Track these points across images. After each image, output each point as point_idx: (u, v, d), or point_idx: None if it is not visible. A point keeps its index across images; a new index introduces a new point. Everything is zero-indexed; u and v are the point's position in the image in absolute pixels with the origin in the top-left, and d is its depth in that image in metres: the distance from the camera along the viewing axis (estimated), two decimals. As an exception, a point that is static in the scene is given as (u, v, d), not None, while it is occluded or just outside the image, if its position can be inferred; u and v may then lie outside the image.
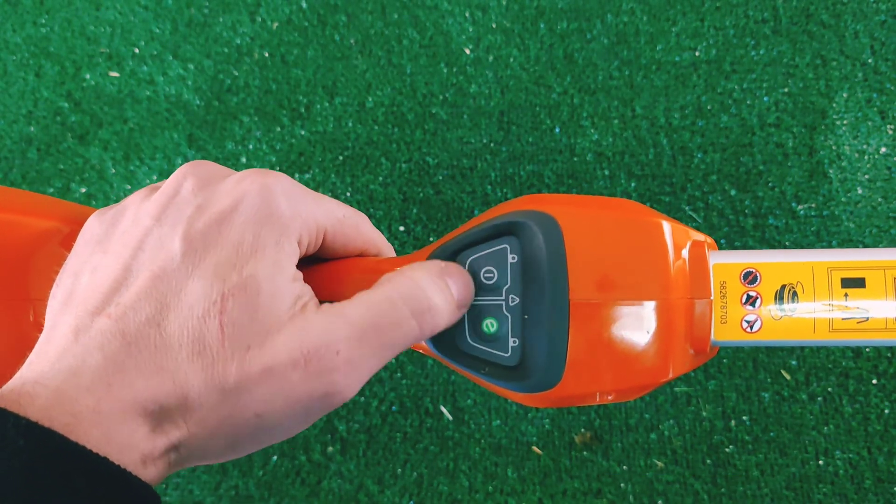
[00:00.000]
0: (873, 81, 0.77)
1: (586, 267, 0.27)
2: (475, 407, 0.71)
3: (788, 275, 0.28)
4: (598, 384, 0.27)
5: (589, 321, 0.27)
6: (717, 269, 0.29)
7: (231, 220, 0.25)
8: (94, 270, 0.25)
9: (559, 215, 0.28)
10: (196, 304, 0.24)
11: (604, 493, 0.68)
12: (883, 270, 0.28)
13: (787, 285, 0.28)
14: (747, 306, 0.29)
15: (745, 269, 0.29)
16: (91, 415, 0.22)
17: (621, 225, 0.28)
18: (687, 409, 0.69)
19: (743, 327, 0.28)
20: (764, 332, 0.28)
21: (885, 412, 0.68)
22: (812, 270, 0.28)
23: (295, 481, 0.69)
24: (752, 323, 0.28)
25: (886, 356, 0.69)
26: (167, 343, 0.23)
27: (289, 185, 0.27)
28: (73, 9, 0.86)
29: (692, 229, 0.30)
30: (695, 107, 0.77)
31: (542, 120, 0.78)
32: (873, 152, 0.75)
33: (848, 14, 0.79)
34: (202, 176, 0.27)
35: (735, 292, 0.29)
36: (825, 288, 0.28)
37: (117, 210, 0.27)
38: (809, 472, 0.67)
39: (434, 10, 0.82)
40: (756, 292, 0.29)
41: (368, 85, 0.79)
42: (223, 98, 0.81)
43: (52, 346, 0.24)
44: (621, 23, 0.80)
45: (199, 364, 0.24)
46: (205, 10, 0.84)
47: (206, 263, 0.24)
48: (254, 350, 0.24)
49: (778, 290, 0.28)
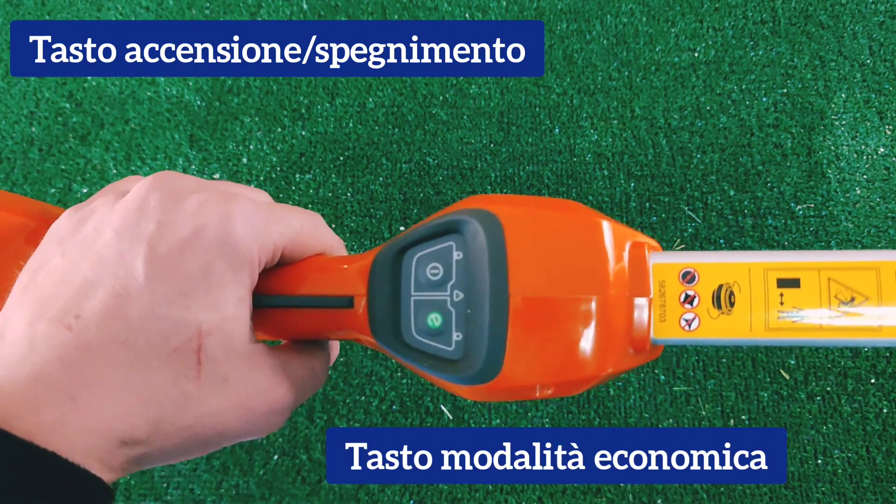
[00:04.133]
0: (871, 82, 0.77)
1: (527, 263, 0.28)
2: (475, 406, 0.71)
3: (725, 275, 0.29)
4: (536, 377, 0.28)
5: (528, 315, 0.28)
6: (656, 268, 0.30)
7: (194, 247, 0.25)
8: (50, 272, 0.25)
9: (501, 214, 0.29)
10: (172, 334, 0.24)
11: (603, 491, 0.68)
12: (818, 271, 0.29)
13: (724, 285, 0.29)
14: (685, 305, 0.29)
15: (683, 269, 0.29)
16: (53, 426, 0.22)
17: (562, 223, 0.29)
18: (686, 408, 0.69)
19: (681, 325, 0.29)
20: (702, 331, 0.29)
21: (883, 411, 0.68)
22: (749, 271, 0.29)
23: (296, 480, 0.69)
24: (690, 321, 0.29)
25: (885, 356, 0.69)
26: (138, 366, 0.24)
27: (249, 211, 0.27)
28: (74, 9, 0.86)
29: (635, 231, 0.31)
30: (694, 107, 0.77)
31: (542, 121, 0.78)
32: (871, 153, 0.75)
33: (846, 15, 0.79)
34: (165, 192, 0.26)
35: (674, 291, 0.29)
36: (761, 288, 0.29)
37: (85, 212, 0.27)
38: (808, 471, 0.67)
39: (434, 10, 0.82)
40: (694, 291, 0.29)
41: (369, 86, 0.79)
42: (224, 98, 0.81)
43: (8, 347, 0.24)
44: (620, 24, 0.81)
45: (175, 392, 0.24)
46: (206, 11, 0.84)
47: (174, 292, 0.25)
48: (231, 384, 0.26)
49: (715, 289, 0.29)
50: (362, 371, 0.71)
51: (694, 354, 0.70)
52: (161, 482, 0.69)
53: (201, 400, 0.25)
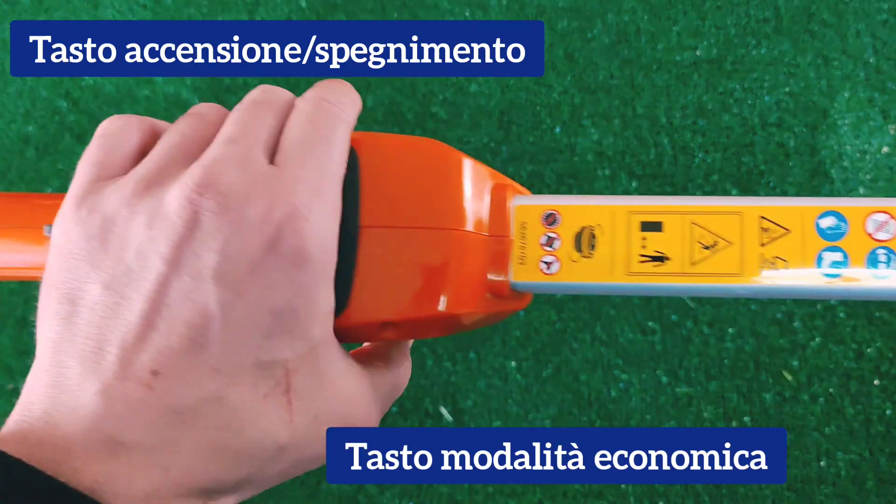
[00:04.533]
0: (875, 81, 0.76)
1: (380, 194, 0.27)
2: (475, 408, 0.70)
3: (588, 217, 0.29)
4: (383, 314, 0.27)
5: (378, 247, 0.27)
6: (518, 210, 0.29)
7: (269, 273, 0.22)
8: (93, 308, 0.21)
9: (359, 145, 0.29)
10: (261, 381, 0.22)
11: (605, 494, 0.68)
12: (681, 216, 0.28)
13: (587, 227, 0.29)
14: (546, 247, 0.29)
15: (546, 210, 0.29)
16: (146, 499, 0.20)
17: (421, 157, 0.29)
18: (688, 409, 0.69)
19: (541, 268, 0.29)
20: (562, 275, 0.28)
21: (887, 413, 0.68)
22: (612, 214, 0.29)
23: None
24: (550, 264, 0.29)
25: (888, 356, 0.69)
26: (229, 422, 0.21)
27: (318, 192, 0.23)
28: (71, 7, 0.85)
29: (507, 178, 0.30)
30: (696, 106, 0.77)
31: (543, 119, 0.78)
32: (875, 152, 0.74)
33: (850, 13, 0.79)
34: (220, 200, 0.21)
35: (535, 234, 0.29)
36: (624, 231, 0.28)
37: (104, 219, 0.22)
38: (811, 474, 0.67)
39: (434, 8, 0.82)
40: (556, 233, 0.29)
41: (368, 84, 0.79)
42: (222, 97, 0.81)
43: (74, 400, 0.20)
44: (622, 22, 0.80)
45: (269, 444, 0.22)
46: (203, 10, 0.84)
47: (259, 334, 0.22)
48: (321, 419, 0.24)
49: (578, 231, 0.29)
50: (362, 372, 0.71)
51: (696, 356, 0.70)
52: None
53: (294, 446, 0.23)
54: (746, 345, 0.70)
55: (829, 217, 0.28)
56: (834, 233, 0.28)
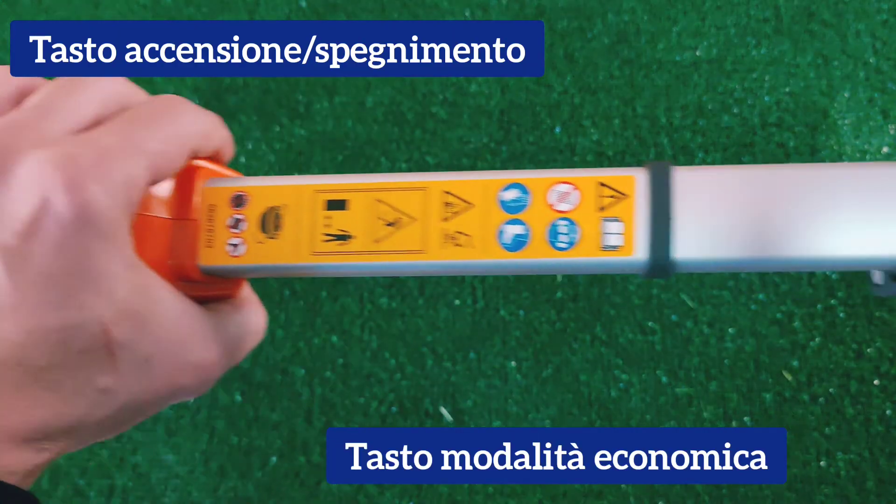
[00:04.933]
0: (875, 81, 0.76)
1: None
2: (475, 408, 0.70)
3: (275, 198, 0.29)
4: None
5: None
6: (207, 192, 0.29)
7: (47, 236, 0.21)
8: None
9: None
10: (72, 339, 0.22)
11: (604, 494, 0.68)
12: (366, 193, 0.28)
13: (273, 208, 0.28)
14: (233, 229, 0.28)
15: (234, 192, 0.29)
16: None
17: None
18: (688, 409, 0.69)
19: (228, 251, 0.28)
20: (249, 257, 0.28)
21: (886, 413, 0.68)
22: (299, 193, 0.29)
23: (294, 483, 0.69)
24: (236, 246, 0.28)
25: (888, 356, 0.69)
26: (44, 381, 0.22)
27: (92, 157, 0.22)
28: (72, 8, 0.85)
29: (209, 160, 0.30)
30: (696, 106, 0.77)
31: (543, 119, 0.78)
32: (875, 152, 0.74)
33: (850, 13, 0.78)
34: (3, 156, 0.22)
35: (222, 216, 0.29)
36: (309, 210, 0.28)
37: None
38: (811, 474, 0.67)
39: (434, 8, 0.81)
40: (242, 215, 0.28)
41: (368, 84, 0.79)
42: (222, 97, 0.81)
43: None
44: (622, 22, 0.80)
45: (92, 391, 0.23)
46: (203, 10, 0.84)
47: (57, 296, 0.22)
48: (154, 361, 0.24)
49: (264, 212, 0.28)
50: (361, 373, 0.71)
51: (696, 356, 0.70)
52: (158, 485, 0.68)
53: (122, 389, 0.23)
54: (746, 345, 0.70)
55: (512, 189, 0.28)
56: (516, 205, 0.27)
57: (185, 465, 0.69)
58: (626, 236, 0.27)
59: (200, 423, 0.69)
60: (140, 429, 0.70)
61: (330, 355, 0.71)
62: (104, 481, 0.69)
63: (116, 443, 0.69)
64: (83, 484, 0.68)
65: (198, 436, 0.69)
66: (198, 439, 0.69)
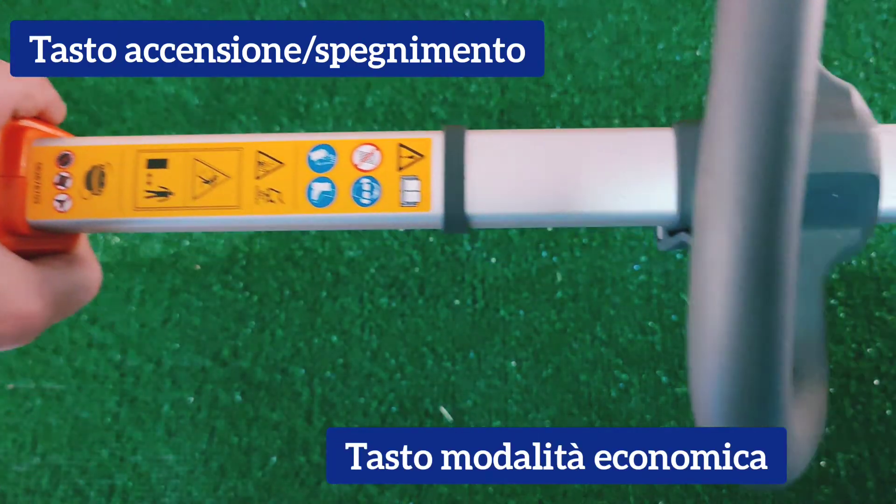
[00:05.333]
0: (875, 81, 0.76)
1: None
2: (475, 408, 0.70)
3: (100, 157, 0.31)
4: None
5: None
6: (35, 151, 0.31)
7: None
8: None
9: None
10: None
11: (604, 494, 0.68)
12: (185, 152, 0.30)
13: (97, 166, 0.30)
14: (59, 186, 0.30)
15: (61, 152, 0.31)
16: None
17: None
18: (688, 409, 0.69)
19: (55, 206, 0.30)
20: (74, 212, 0.30)
21: (886, 413, 0.68)
22: (122, 152, 0.31)
23: (294, 482, 0.69)
24: (63, 202, 0.30)
25: (888, 356, 0.69)
26: None
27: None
28: (71, 8, 0.85)
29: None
30: (696, 106, 0.77)
31: (543, 119, 0.78)
32: (875, 152, 0.74)
33: (849, 13, 0.79)
34: None
35: (49, 174, 0.30)
36: (132, 168, 0.30)
37: None
38: (811, 474, 0.67)
39: (434, 8, 0.82)
40: (68, 173, 0.30)
41: (368, 84, 0.79)
42: (222, 97, 0.81)
43: None
44: (622, 21, 0.80)
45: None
46: (204, 10, 0.84)
47: None
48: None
49: (89, 170, 0.30)
50: (361, 373, 0.71)
51: (696, 355, 0.70)
52: (158, 485, 0.68)
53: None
54: (746, 345, 0.70)
55: (320, 150, 0.30)
56: (324, 164, 0.30)
57: (185, 464, 0.69)
58: (423, 193, 0.29)
59: (200, 423, 0.70)
60: (140, 429, 0.70)
61: (330, 355, 0.71)
62: (104, 481, 0.69)
63: (116, 443, 0.69)
64: (83, 484, 0.68)
65: (198, 436, 0.69)
66: (198, 439, 0.69)
